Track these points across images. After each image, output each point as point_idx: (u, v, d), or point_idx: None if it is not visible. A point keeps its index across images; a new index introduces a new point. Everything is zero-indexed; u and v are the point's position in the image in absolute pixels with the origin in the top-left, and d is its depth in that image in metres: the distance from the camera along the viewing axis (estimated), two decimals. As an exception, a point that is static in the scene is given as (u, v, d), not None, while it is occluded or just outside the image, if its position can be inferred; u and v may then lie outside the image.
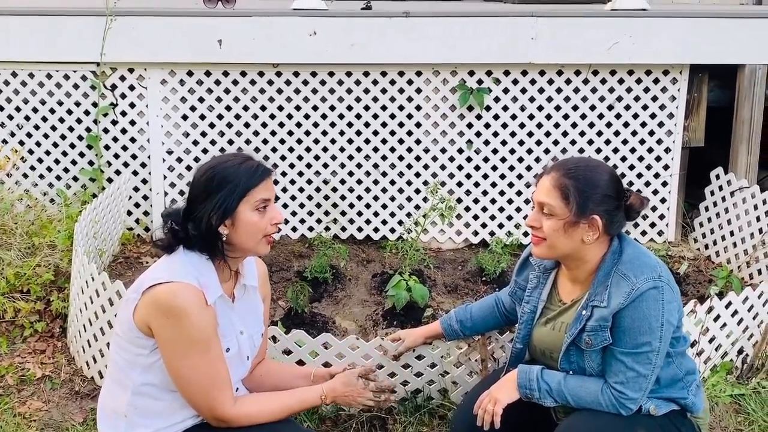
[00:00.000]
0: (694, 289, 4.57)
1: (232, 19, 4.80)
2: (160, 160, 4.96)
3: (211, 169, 2.35)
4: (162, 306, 2.22)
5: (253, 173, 2.34)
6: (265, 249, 2.40)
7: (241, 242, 2.35)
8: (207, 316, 2.26)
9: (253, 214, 2.33)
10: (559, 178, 2.43)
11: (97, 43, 4.72)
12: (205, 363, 2.26)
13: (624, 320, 2.37)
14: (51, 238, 4.17)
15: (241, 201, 2.31)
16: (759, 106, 5.04)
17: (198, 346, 2.24)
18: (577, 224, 2.41)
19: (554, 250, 2.47)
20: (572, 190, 2.40)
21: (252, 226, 2.33)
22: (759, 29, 4.96)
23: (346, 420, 3.29)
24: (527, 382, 2.50)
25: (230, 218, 2.32)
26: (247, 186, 2.32)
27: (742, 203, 4.80)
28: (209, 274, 2.33)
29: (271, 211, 2.37)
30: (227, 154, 2.45)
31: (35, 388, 3.55)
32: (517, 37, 4.85)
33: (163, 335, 2.24)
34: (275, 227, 2.38)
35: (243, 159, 2.38)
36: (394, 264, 4.72)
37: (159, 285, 2.24)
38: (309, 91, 4.94)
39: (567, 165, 2.47)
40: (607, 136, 5.08)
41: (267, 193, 2.36)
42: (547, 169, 2.50)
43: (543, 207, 2.45)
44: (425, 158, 5.05)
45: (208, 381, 2.27)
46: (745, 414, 3.37)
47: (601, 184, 2.43)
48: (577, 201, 2.39)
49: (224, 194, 2.30)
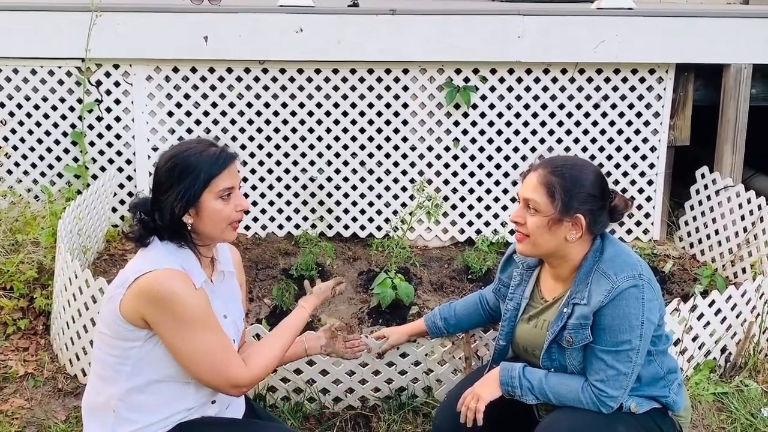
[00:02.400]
0: (679, 287, 4.59)
1: (219, 15, 4.78)
2: (145, 156, 4.94)
3: (173, 158, 2.32)
4: (151, 295, 2.20)
5: (215, 161, 2.31)
6: (232, 235, 2.38)
7: (207, 230, 2.33)
8: (199, 296, 2.25)
9: (216, 203, 2.31)
10: (546, 176, 2.43)
11: (82, 38, 4.69)
12: (210, 338, 2.25)
13: (604, 318, 2.38)
14: (35, 235, 4.15)
15: (205, 190, 2.29)
16: (744, 105, 5.06)
17: (198, 324, 2.23)
18: (561, 222, 2.41)
19: (537, 247, 2.48)
20: (558, 187, 2.40)
21: (216, 215, 2.31)
22: (744, 29, 4.98)
23: (330, 418, 3.29)
24: (509, 379, 2.50)
25: (194, 207, 2.30)
26: (210, 174, 2.29)
27: (726, 202, 4.82)
28: (190, 260, 2.32)
29: (236, 198, 2.35)
30: (189, 140, 2.41)
31: (18, 385, 3.53)
32: (503, 35, 4.85)
33: (161, 323, 2.22)
34: (240, 214, 2.36)
35: (205, 146, 2.35)
36: (380, 262, 4.71)
37: (143, 276, 2.23)
38: (295, 88, 4.93)
39: (554, 163, 2.47)
40: (593, 134, 5.09)
41: (230, 180, 2.33)
42: (534, 165, 2.50)
43: (528, 203, 2.45)
44: (412, 156, 5.05)
45: (218, 354, 2.26)
46: (728, 412, 3.39)
47: (587, 184, 2.44)
48: (562, 199, 2.40)
49: (187, 184, 2.28)
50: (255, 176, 5.01)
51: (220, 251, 2.50)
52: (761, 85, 5.20)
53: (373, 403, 3.35)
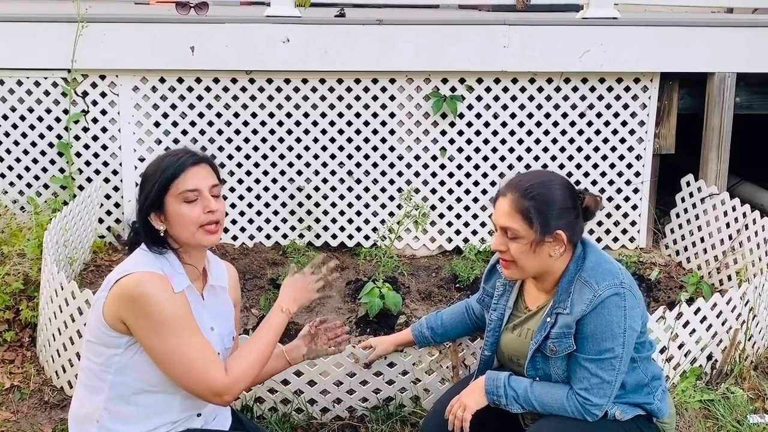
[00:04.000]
0: (665, 295, 4.61)
1: (205, 26, 4.78)
2: (132, 167, 4.93)
3: (149, 166, 2.36)
4: (130, 295, 2.21)
5: (175, 164, 2.30)
6: (207, 240, 2.33)
7: (178, 235, 2.32)
8: (177, 299, 2.24)
9: (181, 206, 2.29)
10: (518, 200, 2.43)
11: (68, 49, 4.68)
12: (186, 342, 2.22)
13: (587, 327, 2.39)
14: (21, 246, 4.13)
15: (167, 194, 2.29)
16: (728, 113, 5.10)
17: (173, 327, 2.21)
18: (543, 242, 2.43)
19: (525, 271, 2.49)
20: (533, 211, 2.41)
21: (182, 218, 2.29)
22: (729, 38, 5.03)
23: (318, 429, 3.28)
24: (494, 388, 2.51)
25: (161, 212, 2.30)
26: (168, 178, 2.28)
27: (712, 210, 4.85)
28: (173, 266, 2.32)
29: (204, 200, 2.31)
30: (169, 150, 2.44)
31: (3, 398, 3.50)
32: (489, 44, 4.88)
33: (138, 324, 2.22)
34: (210, 216, 2.31)
35: (176, 152, 2.35)
36: (368, 271, 4.72)
37: (123, 278, 2.24)
38: (282, 99, 4.94)
39: (522, 185, 2.46)
40: (579, 143, 5.12)
41: (194, 182, 2.30)
42: (502, 189, 2.50)
43: (506, 231, 2.45)
44: (399, 165, 5.06)
45: (196, 358, 2.23)
46: (714, 419, 3.40)
47: (558, 199, 2.45)
48: (539, 221, 2.40)
49: (148, 188, 2.30)
50: (242, 186, 5.01)
51: (214, 266, 2.50)
52: (745, 93, 5.24)
53: (361, 413, 3.34)
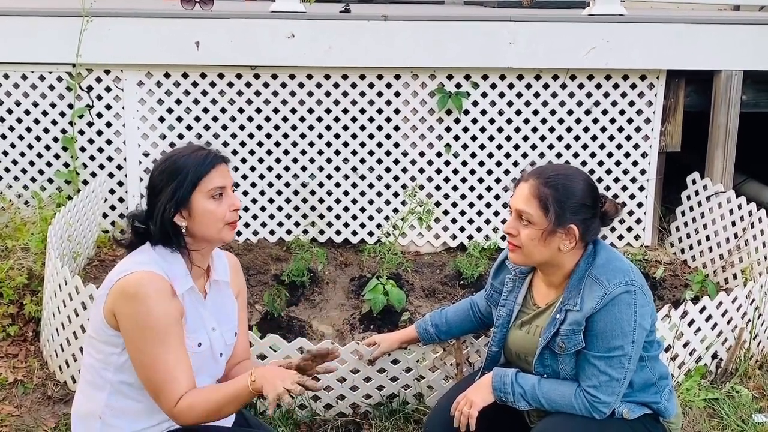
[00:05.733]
0: (670, 293, 4.59)
1: (210, 21, 4.77)
2: (136, 162, 4.92)
3: (165, 161, 2.34)
4: (126, 293, 2.21)
5: (203, 161, 2.31)
6: (230, 235, 2.36)
7: (203, 232, 2.32)
8: (168, 306, 2.23)
9: (208, 203, 2.30)
10: (538, 187, 2.42)
11: (72, 44, 4.67)
12: (159, 353, 2.21)
13: (597, 324, 2.38)
14: (25, 240, 4.13)
15: (195, 190, 2.29)
16: (735, 111, 5.08)
17: (155, 335, 2.20)
18: (555, 233, 2.42)
19: (530, 257, 2.48)
20: (551, 199, 2.40)
21: (210, 215, 2.30)
22: (735, 35, 5.01)
23: (321, 425, 3.28)
24: (502, 385, 2.50)
25: (186, 209, 2.30)
26: (198, 174, 2.29)
27: (717, 208, 4.83)
28: (177, 266, 2.31)
29: (228, 198, 2.34)
30: (180, 146, 2.43)
31: (7, 392, 3.50)
32: (495, 41, 4.86)
33: (125, 322, 2.22)
34: (235, 213, 2.35)
35: (193, 149, 2.36)
36: (372, 268, 4.71)
37: (125, 276, 2.23)
38: (287, 94, 4.93)
39: (546, 173, 2.46)
40: (585, 140, 5.10)
41: (221, 180, 2.32)
42: (525, 175, 2.49)
43: (521, 215, 2.44)
44: (404, 161, 5.05)
45: (159, 373, 2.22)
46: (719, 418, 3.39)
47: (579, 194, 2.44)
48: (555, 211, 2.39)
49: (176, 184, 2.29)
50: (246, 182, 5.00)
51: (216, 260, 2.49)
52: (752, 91, 5.22)
53: (365, 410, 3.34)
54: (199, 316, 2.36)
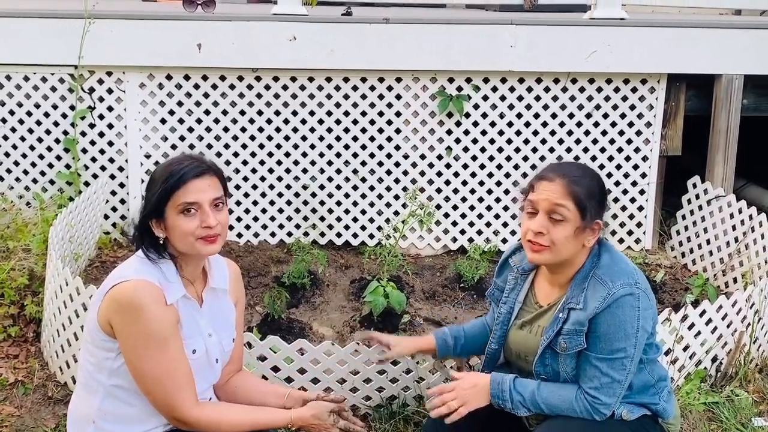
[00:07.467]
0: (671, 297, 4.59)
1: (212, 23, 4.78)
2: (137, 163, 4.93)
3: (155, 171, 2.34)
4: (121, 302, 2.21)
5: (177, 175, 2.26)
6: (206, 249, 2.30)
7: (177, 245, 2.30)
8: (165, 313, 2.23)
9: (177, 218, 2.26)
10: (568, 185, 2.42)
11: (75, 45, 4.69)
12: (164, 360, 2.22)
13: (600, 326, 2.38)
14: (26, 241, 4.13)
15: (168, 204, 2.27)
16: (735, 115, 5.08)
17: (156, 342, 2.20)
18: (585, 229, 2.43)
19: (559, 255, 2.44)
20: (583, 196, 2.41)
21: (178, 230, 2.27)
22: (736, 40, 5.01)
23: (321, 427, 3.27)
24: (500, 392, 2.49)
25: (162, 221, 2.29)
26: (169, 189, 2.26)
27: (718, 212, 4.83)
28: (169, 274, 2.30)
29: (202, 214, 2.27)
30: (175, 155, 2.39)
31: (7, 393, 3.51)
32: (496, 44, 4.87)
33: (122, 331, 2.22)
34: (207, 230, 2.27)
35: (177, 161, 2.32)
36: (372, 270, 4.71)
37: (119, 284, 2.24)
38: (288, 96, 4.94)
39: (572, 172, 2.46)
40: (586, 144, 5.11)
41: (194, 196, 2.26)
42: (547, 175, 2.46)
43: (553, 212, 2.42)
44: (405, 164, 5.06)
45: (168, 378, 2.23)
46: (719, 422, 3.39)
47: (598, 191, 2.47)
48: (587, 207, 2.41)
49: (149, 196, 2.29)
50: (247, 184, 5.01)
51: (214, 267, 2.48)
52: (753, 95, 5.23)
53: (365, 412, 3.34)
54: (195, 322, 2.36)
